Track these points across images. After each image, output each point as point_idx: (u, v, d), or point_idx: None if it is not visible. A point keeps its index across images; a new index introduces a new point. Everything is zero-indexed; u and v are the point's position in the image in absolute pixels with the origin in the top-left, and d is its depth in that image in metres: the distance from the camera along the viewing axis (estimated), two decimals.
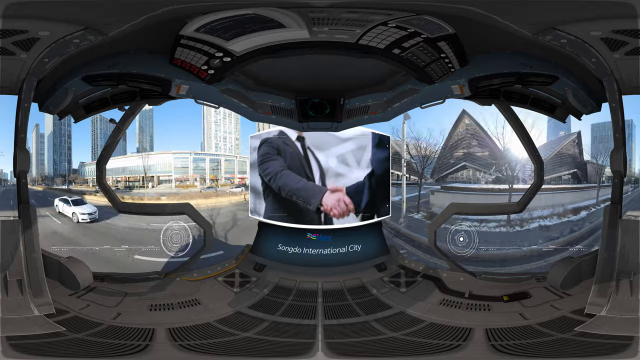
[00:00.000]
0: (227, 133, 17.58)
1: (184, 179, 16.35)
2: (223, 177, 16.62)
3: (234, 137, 17.62)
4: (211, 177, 16.43)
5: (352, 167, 5.88)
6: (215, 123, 17.39)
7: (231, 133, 17.61)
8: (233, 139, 17.62)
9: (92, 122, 16.35)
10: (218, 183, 16.15)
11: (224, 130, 17.51)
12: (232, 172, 16.99)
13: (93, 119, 16.22)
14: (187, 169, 16.47)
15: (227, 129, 17.56)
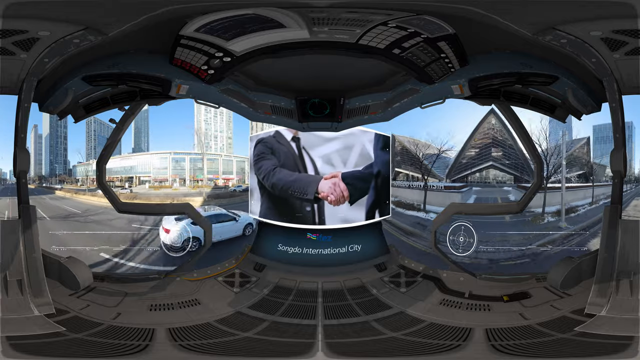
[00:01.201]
0: (219, 132, 17.36)
1: (164, 179, 16.16)
2: (205, 177, 16.33)
3: (225, 136, 17.43)
4: (191, 178, 16.19)
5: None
6: (206, 122, 17.18)
7: (222, 132, 17.40)
8: (225, 138, 17.42)
9: (87, 123, 16.34)
10: (198, 184, 15.83)
11: (215, 129, 17.29)
12: (216, 172, 16.72)
13: (88, 121, 16.20)
14: (167, 170, 16.25)
15: (218, 128, 17.34)
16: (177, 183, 16.16)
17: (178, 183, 16.18)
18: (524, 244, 11.64)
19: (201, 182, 16.25)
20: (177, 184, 16.16)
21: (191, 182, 16.16)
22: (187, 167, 16.35)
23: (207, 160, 16.65)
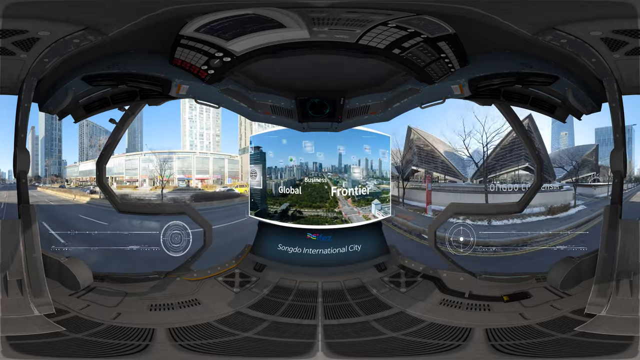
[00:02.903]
0: (205, 129, 16.94)
1: (134, 179, 15.96)
2: (175, 177, 15.94)
3: (212, 134, 17.02)
4: (159, 178, 15.89)
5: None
6: (190, 120, 16.76)
7: (209, 129, 16.97)
8: (211, 135, 17.01)
9: (80, 126, 16.30)
10: (164, 184, 15.52)
11: (201, 127, 16.85)
12: (189, 172, 16.30)
13: (81, 124, 16.17)
14: (137, 170, 16.01)
15: (204, 125, 16.90)
16: (146, 183, 15.88)
17: (147, 183, 15.91)
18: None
19: (171, 182, 15.86)
20: (147, 184, 15.88)
21: (160, 183, 15.81)
22: (156, 167, 15.94)
23: (177, 160, 16.20)
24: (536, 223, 13.23)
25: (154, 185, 15.88)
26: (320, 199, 5.98)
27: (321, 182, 5.99)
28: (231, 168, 16.45)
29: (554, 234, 11.56)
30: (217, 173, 16.38)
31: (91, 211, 14.35)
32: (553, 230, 12.02)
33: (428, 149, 15.19)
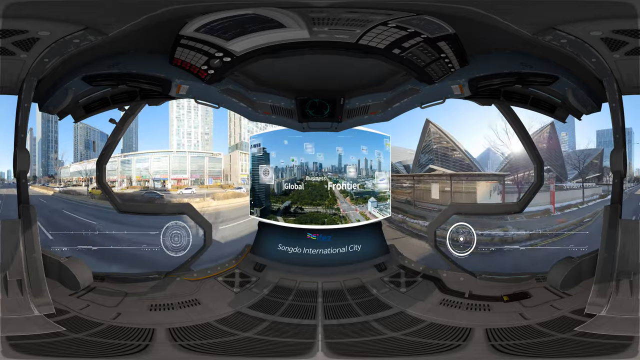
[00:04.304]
0: (193, 128, 16.38)
1: (113, 180, 15.73)
2: (151, 178, 15.55)
3: (200, 132, 16.49)
4: (138, 179, 15.62)
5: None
6: (178, 119, 16.20)
7: (197, 127, 16.39)
8: (199, 134, 16.48)
9: (74, 128, 16.21)
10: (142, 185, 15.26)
11: (189, 125, 16.26)
12: (165, 172, 15.89)
13: (75, 126, 16.07)
14: (116, 171, 15.77)
15: (192, 124, 16.33)
16: (124, 183, 15.65)
17: (125, 183, 15.67)
18: None
19: (147, 182, 15.52)
20: (125, 184, 15.65)
21: (132, 183, 15.57)
22: (133, 168, 15.60)
23: (154, 160, 15.74)
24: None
25: (131, 185, 15.66)
26: (320, 197, 6.00)
27: (321, 180, 6.01)
28: (212, 167, 15.90)
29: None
30: (197, 173, 15.85)
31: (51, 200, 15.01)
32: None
33: (448, 145, 14.80)
